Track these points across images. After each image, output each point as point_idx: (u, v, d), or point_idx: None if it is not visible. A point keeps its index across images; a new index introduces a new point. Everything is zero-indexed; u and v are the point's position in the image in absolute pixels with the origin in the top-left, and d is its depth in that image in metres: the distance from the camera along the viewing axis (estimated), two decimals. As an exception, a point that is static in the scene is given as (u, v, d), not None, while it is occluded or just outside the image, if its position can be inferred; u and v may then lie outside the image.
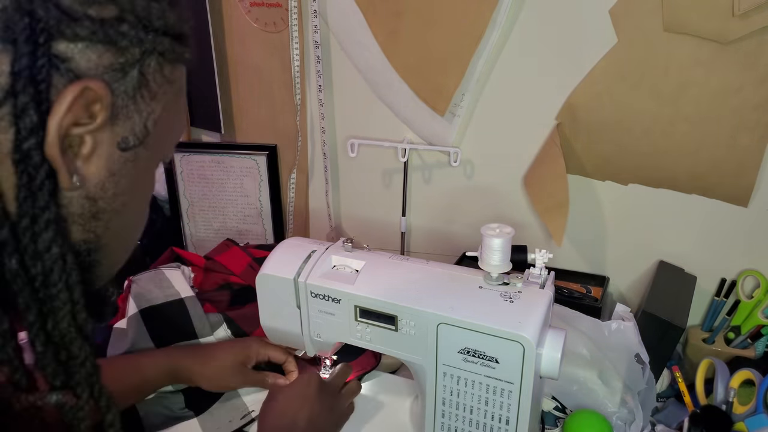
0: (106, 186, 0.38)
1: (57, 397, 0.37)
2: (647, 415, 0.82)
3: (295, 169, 1.20)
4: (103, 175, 0.38)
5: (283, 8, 1.07)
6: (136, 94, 0.38)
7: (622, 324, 0.84)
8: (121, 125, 0.38)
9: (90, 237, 0.39)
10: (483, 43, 0.96)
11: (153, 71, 0.38)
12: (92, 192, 0.38)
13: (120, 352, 0.83)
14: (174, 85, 0.41)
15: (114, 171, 0.38)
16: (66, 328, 0.37)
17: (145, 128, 0.39)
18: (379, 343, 0.73)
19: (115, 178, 0.39)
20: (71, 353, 0.38)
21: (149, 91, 0.39)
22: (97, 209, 0.39)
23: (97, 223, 0.39)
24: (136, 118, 0.38)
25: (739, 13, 0.79)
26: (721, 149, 0.89)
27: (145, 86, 0.38)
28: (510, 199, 1.07)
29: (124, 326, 0.85)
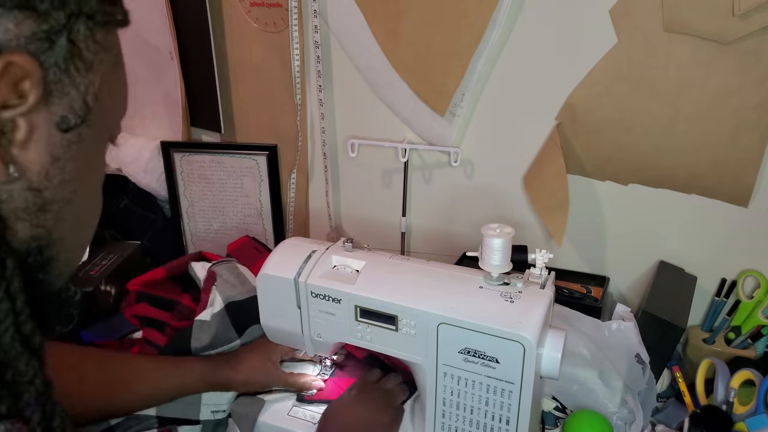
0: (50, 173, 0.34)
1: (4, 427, 0.33)
2: (647, 415, 0.82)
3: (295, 169, 1.20)
4: (46, 161, 0.34)
5: (283, 8, 1.07)
6: (68, 65, 0.33)
7: (622, 324, 0.84)
8: (58, 103, 0.34)
9: (40, 232, 0.35)
10: (483, 43, 0.96)
11: (84, 38, 0.34)
12: (35, 182, 0.34)
13: (202, 345, 0.84)
14: (110, 53, 0.37)
15: (57, 155, 0.34)
16: (9, 343, 0.32)
17: (85, 104, 0.35)
18: (379, 343, 0.73)
19: (59, 164, 0.34)
20: (18, 371, 0.33)
21: (83, 61, 0.34)
22: (44, 200, 0.35)
23: (45, 216, 0.35)
24: (73, 93, 0.34)
25: (739, 13, 0.79)
26: (721, 149, 0.89)
27: (78, 56, 0.34)
28: (510, 199, 1.07)
29: (208, 318, 0.85)
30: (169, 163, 1.24)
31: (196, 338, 0.84)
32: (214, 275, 0.90)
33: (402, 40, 1.02)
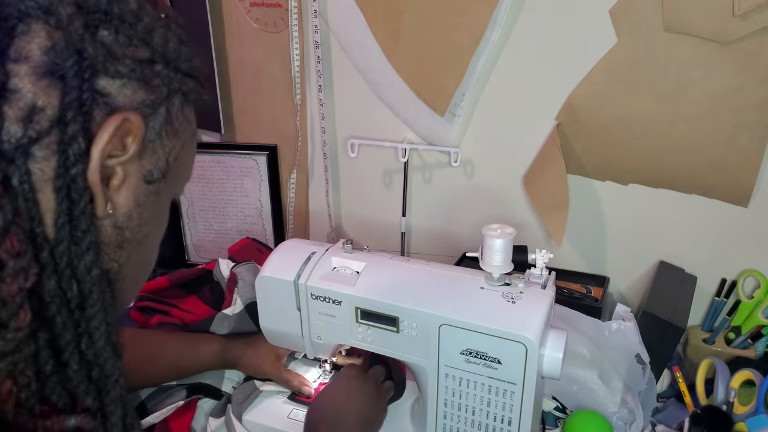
0: (132, 216, 0.40)
1: (75, 421, 0.37)
2: (647, 416, 0.82)
3: (295, 169, 1.20)
4: (131, 205, 0.40)
5: (283, 8, 1.07)
6: (162, 130, 0.40)
7: (622, 324, 0.84)
8: (148, 159, 0.40)
9: (113, 266, 0.41)
10: (483, 43, 0.96)
11: (177, 110, 0.41)
12: (120, 221, 0.40)
13: (223, 332, 0.87)
14: (192, 125, 0.45)
15: (140, 202, 0.40)
16: (102, 347, 0.38)
17: (167, 163, 0.42)
18: (380, 344, 0.73)
19: (140, 209, 0.41)
20: (105, 372, 0.38)
21: (173, 129, 0.41)
22: (123, 238, 0.40)
23: (121, 253, 0.41)
24: (160, 152, 0.41)
25: (739, 13, 0.79)
26: (721, 149, 0.89)
27: (169, 123, 0.41)
28: (510, 199, 1.07)
29: (230, 314, 0.88)
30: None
31: (216, 325, 0.87)
32: (235, 277, 0.92)
33: (402, 40, 1.01)
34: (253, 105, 1.20)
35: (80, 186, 0.35)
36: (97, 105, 0.36)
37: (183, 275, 0.97)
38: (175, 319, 0.92)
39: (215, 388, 0.84)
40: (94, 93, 0.35)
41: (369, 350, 0.75)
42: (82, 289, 0.36)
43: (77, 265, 0.36)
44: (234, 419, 0.79)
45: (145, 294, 0.94)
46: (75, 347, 0.37)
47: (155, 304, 0.93)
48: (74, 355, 0.37)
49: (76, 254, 0.36)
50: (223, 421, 0.81)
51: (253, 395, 0.83)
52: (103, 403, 0.39)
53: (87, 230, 0.36)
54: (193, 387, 0.83)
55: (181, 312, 0.93)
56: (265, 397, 0.84)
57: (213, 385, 0.84)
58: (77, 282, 0.36)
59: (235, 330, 0.87)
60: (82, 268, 0.36)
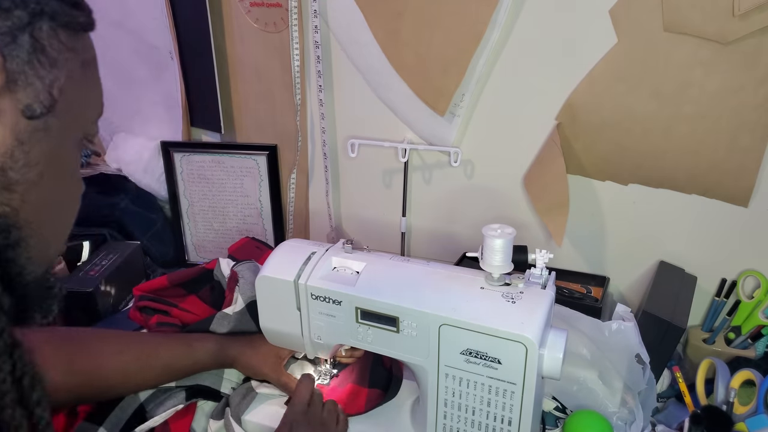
0: (15, 155, 0.38)
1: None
2: (647, 416, 0.82)
3: (295, 169, 1.20)
4: (10, 143, 0.37)
5: (283, 8, 1.07)
6: (32, 58, 0.37)
7: (622, 324, 0.84)
8: (22, 92, 0.37)
9: (5, 210, 0.38)
10: (483, 43, 0.96)
11: (47, 36, 0.38)
12: (0, 161, 0.37)
13: (223, 331, 0.86)
14: (77, 54, 0.41)
15: (22, 139, 0.38)
16: None
17: (50, 96, 0.39)
18: (380, 344, 0.73)
19: (24, 147, 0.38)
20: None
21: (47, 57, 0.38)
22: (8, 180, 0.38)
23: (11, 195, 0.38)
24: (37, 84, 0.38)
25: (739, 13, 0.79)
26: (721, 149, 0.89)
27: (41, 51, 0.38)
28: (510, 199, 1.07)
29: (230, 314, 0.88)
30: (169, 163, 1.24)
31: (216, 325, 0.87)
32: (236, 276, 0.92)
33: (402, 40, 1.01)
34: (253, 105, 1.20)
35: None
36: None
37: (183, 275, 0.97)
38: (175, 319, 0.92)
39: (214, 390, 0.84)
40: None
41: (369, 350, 0.75)
42: None
43: None
44: (233, 421, 0.79)
45: (145, 294, 0.94)
46: None
47: (155, 304, 0.93)
48: None
49: None
50: (222, 423, 0.81)
51: (250, 397, 0.82)
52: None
53: None
54: (192, 389, 0.82)
55: (181, 312, 0.93)
56: (264, 398, 0.83)
57: (212, 387, 0.84)
58: None
59: (235, 329, 0.86)
60: None
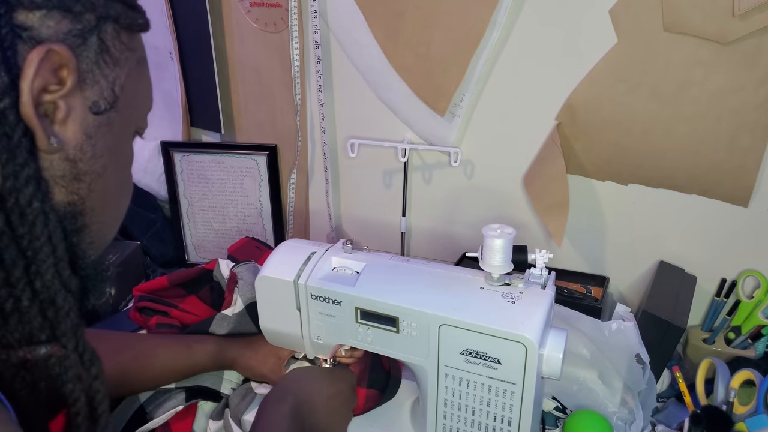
0: (84, 148, 0.41)
1: (45, 349, 0.40)
2: (647, 416, 0.82)
3: (295, 169, 1.20)
4: (80, 137, 0.40)
5: (283, 8, 1.07)
6: (98, 59, 0.40)
7: (622, 324, 0.84)
8: (90, 89, 0.40)
9: (74, 198, 0.41)
10: (483, 43, 0.96)
11: (111, 37, 0.41)
12: (71, 154, 0.40)
13: (222, 333, 0.86)
14: (135, 53, 0.44)
15: (90, 134, 0.41)
16: (50, 280, 0.39)
17: (113, 93, 0.42)
18: (380, 345, 0.73)
19: (92, 141, 0.41)
20: (56, 304, 0.39)
21: (111, 57, 0.42)
22: (78, 171, 0.41)
23: (79, 185, 0.41)
24: (102, 82, 0.41)
25: (739, 13, 0.79)
26: (721, 149, 0.89)
27: (106, 51, 0.41)
28: (510, 199, 1.07)
29: (230, 315, 0.88)
30: (169, 163, 1.24)
31: (216, 326, 0.86)
32: (235, 277, 0.92)
33: (402, 40, 1.01)
34: (253, 105, 1.20)
35: (11, 119, 0.36)
36: (21, 39, 0.36)
37: (183, 275, 0.97)
38: (175, 320, 0.92)
39: (214, 391, 0.84)
40: (13, 27, 0.36)
41: (369, 350, 0.75)
42: (26, 223, 0.37)
43: (18, 199, 0.37)
44: (232, 422, 0.79)
45: (145, 294, 0.94)
46: (26, 284, 0.38)
47: (154, 305, 0.93)
48: (26, 292, 0.38)
49: (16, 188, 0.36)
50: (222, 424, 0.80)
51: (249, 397, 0.82)
52: (56, 335, 0.40)
53: (24, 163, 0.37)
54: (192, 390, 0.82)
55: (181, 312, 0.93)
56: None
57: (212, 388, 0.84)
58: (21, 216, 0.37)
59: (234, 330, 0.86)
60: (22, 201, 0.37)
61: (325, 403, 0.71)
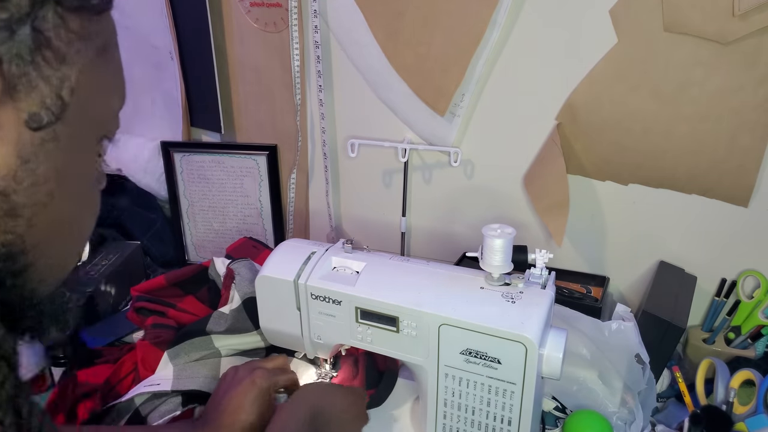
0: (19, 176, 0.31)
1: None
2: (647, 415, 0.82)
3: (295, 169, 1.20)
4: (14, 163, 0.31)
5: (283, 8, 1.07)
6: (35, 57, 0.30)
7: (622, 324, 0.84)
8: (25, 99, 0.31)
9: (9, 238, 0.33)
10: (483, 43, 0.96)
11: (53, 26, 0.31)
12: (2, 186, 0.31)
13: (219, 330, 0.85)
14: (91, 42, 0.34)
15: (27, 157, 0.32)
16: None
17: (60, 99, 0.32)
18: (380, 344, 0.73)
19: (30, 165, 0.32)
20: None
21: (54, 52, 0.31)
22: (12, 205, 0.32)
23: (15, 222, 0.32)
24: (43, 87, 0.31)
25: (739, 13, 0.79)
26: (721, 149, 0.89)
27: (46, 46, 0.31)
28: (510, 199, 1.07)
29: (227, 312, 0.87)
30: (169, 163, 1.24)
31: (213, 324, 0.86)
32: (232, 273, 0.92)
33: (402, 40, 1.01)
34: (253, 105, 1.20)
35: None
36: None
37: (181, 273, 0.97)
38: (171, 321, 0.92)
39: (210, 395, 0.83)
40: None
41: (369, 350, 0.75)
42: None
43: None
44: None
45: (142, 294, 0.94)
46: None
47: (152, 305, 0.93)
48: None
49: None
50: None
51: None
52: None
53: None
54: (188, 394, 0.81)
55: (179, 312, 0.93)
56: None
57: (208, 392, 0.82)
58: None
59: (231, 327, 0.86)
60: None
61: (339, 416, 0.70)
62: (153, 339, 0.87)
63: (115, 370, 0.86)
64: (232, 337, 0.87)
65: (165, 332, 0.89)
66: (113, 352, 0.93)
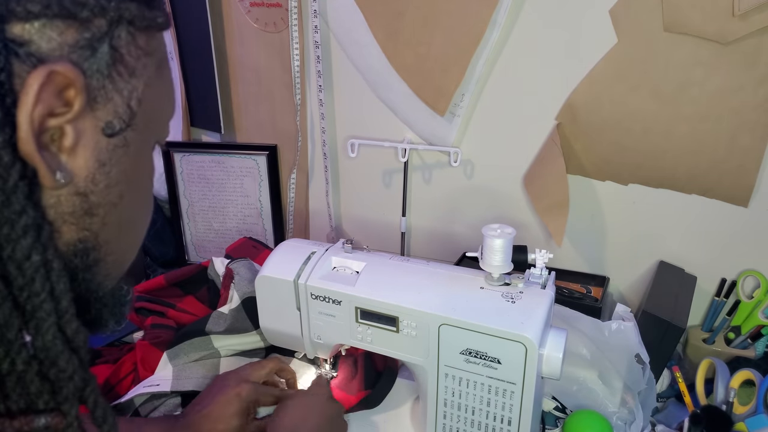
0: (96, 178, 0.35)
1: (45, 420, 0.34)
2: (647, 415, 0.82)
3: (295, 169, 1.20)
4: (92, 166, 0.35)
5: (283, 8, 1.07)
6: (111, 71, 0.34)
7: (622, 324, 0.84)
8: (102, 109, 0.34)
9: (85, 235, 0.36)
10: (483, 43, 0.96)
11: (125, 43, 0.35)
12: (82, 187, 0.35)
13: (218, 330, 0.85)
14: (153, 57, 0.38)
15: (103, 160, 0.35)
16: (51, 341, 0.33)
17: (130, 108, 0.36)
18: (380, 344, 0.73)
19: (105, 168, 0.35)
20: (59, 367, 0.34)
21: (126, 67, 0.35)
22: (90, 205, 0.35)
23: (92, 220, 0.36)
24: (116, 98, 0.35)
25: (739, 13, 0.79)
26: (721, 149, 0.89)
27: (120, 61, 0.35)
28: (510, 199, 1.07)
29: (226, 312, 0.87)
30: (169, 163, 1.24)
31: (212, 324, 0.86)
32: (231, 273, 0.92)
33: (402, 40, 1.01)
34: (253, 105, 1.20)
35: (6, 161, 0.30)
36: (17, 58, 0.30)
37: (180, 273, 0.97)
38: (170, 321, 0.92)
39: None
40: (7, 44, 0.30)
41: (369, 350, 0.75)
42: (23, 278, 0.32)
43: (15, 252, 0.31)
44: None
45: (142, 294, 0.94)
46: (21, 344, 0.33)
47: (151, 305, 0.93)
48: (21, 352, 0.33)
49: (11, 239, 0.31)
50: None
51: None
52: (57, 402, 0.34)
53: (22, 211, 0.31)
54: (188, 395, 0.80)
55: (178, 312, 0.93)
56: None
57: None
58: (18, 269, 0.32)
59: (231, 327, 0.86)
60: (19, 254, 0.31)
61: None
62: (152, 339, 0.87)
63: (115, 370, 0.86)
64: (231, 338, 0.87)
65: (164, 332, 0.89)
66: (113, 352, 0.93)
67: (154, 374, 0.83)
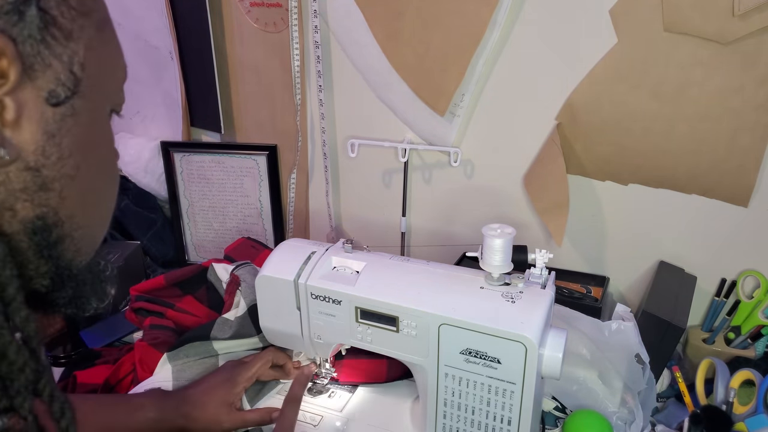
0: (47, 151, 0.33)
1: (2, 422, 0.32)
2: (647, 415, 0.82)
3: (295, 169, 1.20)
4: (40, 139, 0.33)
5: (283, 8, 1.07)
6: (45, 35, 0.32)
7: (622, 324, 0.84)
8: (42, 77, 0.32)
9: (43, 211, 0.34)
10: (483, 43, 0.96)
11: (56, 4, 0.33)
12: (32, 161, 0.33)
13: (223, 336, 0.85)
14: (90, 18, 0.36)
15: (52, 132, 0.33)
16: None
17: (73, 74, 0.34)
18: (380, 344, 0.73)
19: (55, 140, 0.34)
20: (8, 359, 0.32)
21: (60, 30, 0.33)
22: (43, 179, 0.34)
23: (48, 195, 0.34)
24: (56, 64, 0.33)
25: (739, 13, 0.79)
26: (721, 149, 0.89)
27: (52, 24, 0.33)
28: (510, 199, 1.07)
29: (231, 318, 0.86)
30: (169, 163, 1.24)
31: (217, 330, 0.85)
32: (237, 279, 0.91)
33: (402, 40, 1.01)
34: (253, 105, 1.20)
35: None
36: None
37: (180, 274, 0.97)
38: (169, 321, 0.91)
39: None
40: None
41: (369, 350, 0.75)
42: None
43: None
44: None
45: (141, 294, 0.94)
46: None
47: (150, 305, 0.92)
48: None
49: None
50: None
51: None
52: (9, 396, 0.32)
53: None
54: None
55: (177, 312, 0.92)
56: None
57: None
58: None
59: (236, 334, 0.85)
60: None
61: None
62: (151, 340, 0.87)
63: (115, 370, 0.86)
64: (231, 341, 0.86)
65: (162, 333, 0.89)
66: (113, 353, 0.93)
67: (152, 375, 0.83)
